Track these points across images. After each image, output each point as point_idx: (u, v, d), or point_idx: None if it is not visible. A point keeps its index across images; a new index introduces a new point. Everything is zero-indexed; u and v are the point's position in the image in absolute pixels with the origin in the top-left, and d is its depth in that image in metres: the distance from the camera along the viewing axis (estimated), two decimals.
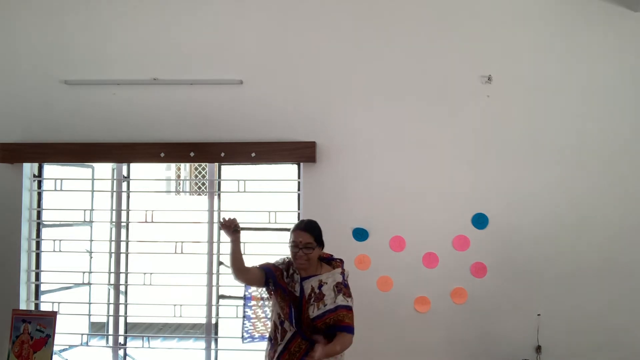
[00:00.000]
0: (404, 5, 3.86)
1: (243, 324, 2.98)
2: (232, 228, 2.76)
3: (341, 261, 2.89)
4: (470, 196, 3.75)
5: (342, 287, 2.71)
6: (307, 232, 2.73)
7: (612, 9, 3.79)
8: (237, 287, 3.98)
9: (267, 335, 2.91)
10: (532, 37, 3.81)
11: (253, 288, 2.97)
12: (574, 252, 3.71)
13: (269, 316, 2.93)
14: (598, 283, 3.70)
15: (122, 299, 4.01)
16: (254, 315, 2.96)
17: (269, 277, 2.77)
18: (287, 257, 2.86)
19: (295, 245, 2.71)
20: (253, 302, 2.95)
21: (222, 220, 2.79)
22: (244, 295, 2.99)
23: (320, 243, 2.77)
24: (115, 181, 4.05)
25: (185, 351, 4.49)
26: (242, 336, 2.99)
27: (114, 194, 4.05)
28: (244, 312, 2.98)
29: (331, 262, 2.86)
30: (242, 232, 2.83)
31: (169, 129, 3.90)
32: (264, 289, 2.87)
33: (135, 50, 3.95)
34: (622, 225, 3.71)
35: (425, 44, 3.83)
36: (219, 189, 4.02)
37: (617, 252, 3.70)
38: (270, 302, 2.89)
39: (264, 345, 2.97)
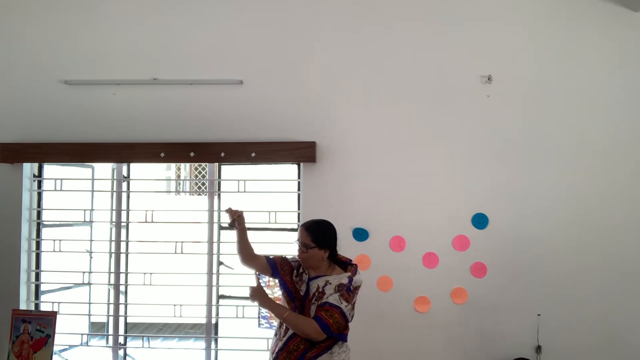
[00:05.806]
0: (404, 6, 3.86)
1: (259, 308, 2.98)
2: (232, 219, 2.80)
3: (355, 267, 2.76)
4: (470, 196, 3.75)
5: (343, 290, 2.60)
6: (307, 232, 2.72)
7: (612, 9, 3.79)
8: (237, 287, 4.01)
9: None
10: (532, 37, 3.81)
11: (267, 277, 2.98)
12: (574, 252, 3.71)
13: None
14: (598, 283, 3.70)
15: (122, 299, 4.01)
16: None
17: (273, 270, 2.81)
18: None
19: (297, 240, 2.76)
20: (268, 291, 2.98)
21: (226, 210, 2.83)
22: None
23: (322, 245, 2.69)
24: (115, 181, 4.05)
25: (185, 351, 4.49)
26: (259, 320, 3.00)
27: (114, 194, 4.05)
28: None
29: (347, 266, 2.77)
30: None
31: (169, 129, 3.90)
32: (277, 280, 2.89)
33: (135, 50, 3.95)
34: (622, 225, 3.71)
35: (425, 44, 3.83)
36: (219, 189, 4.02)
37: (617, 251, 3.70)
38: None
39: (263, 344, 2.98)
